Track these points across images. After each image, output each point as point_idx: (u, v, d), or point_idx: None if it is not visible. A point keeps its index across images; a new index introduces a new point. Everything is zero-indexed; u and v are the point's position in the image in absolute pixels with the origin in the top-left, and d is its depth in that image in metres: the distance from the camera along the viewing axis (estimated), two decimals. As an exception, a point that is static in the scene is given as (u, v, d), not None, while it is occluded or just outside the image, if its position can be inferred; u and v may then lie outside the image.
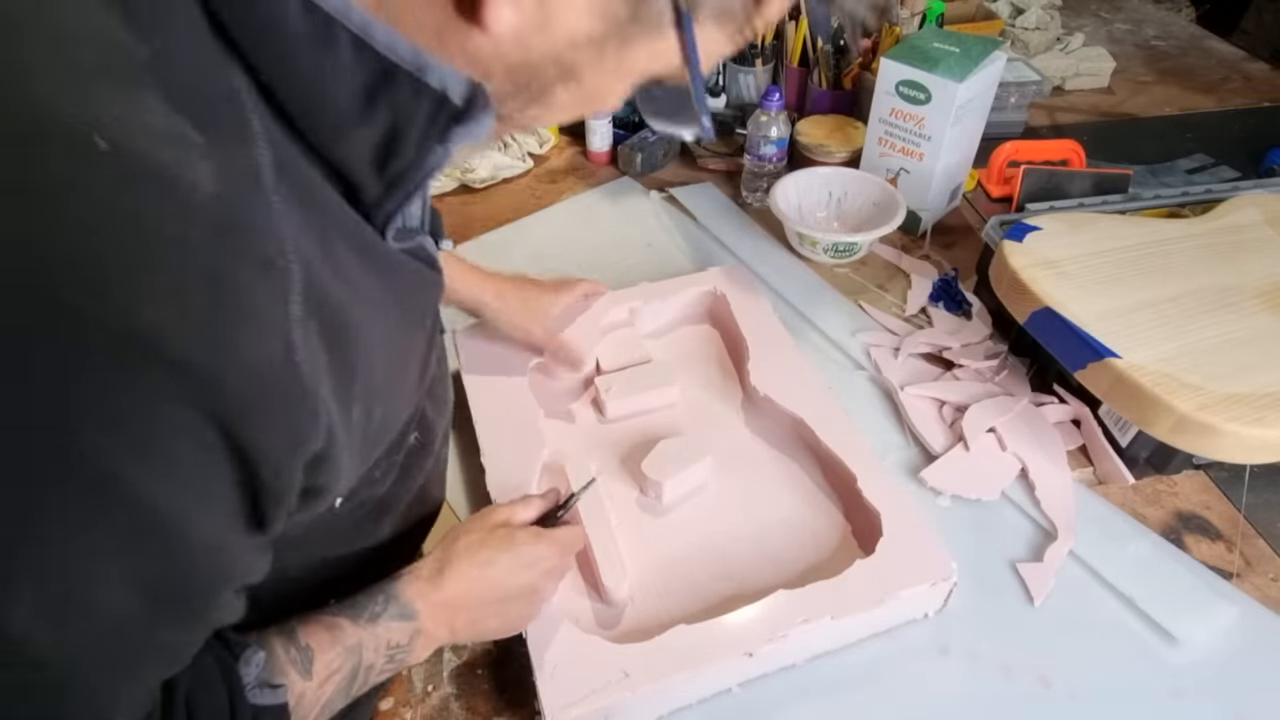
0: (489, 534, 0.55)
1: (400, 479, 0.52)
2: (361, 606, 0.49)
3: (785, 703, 0.59)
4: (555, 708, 0.53)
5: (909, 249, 1.02)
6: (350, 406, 0.37)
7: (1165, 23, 1.67)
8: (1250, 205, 0.86)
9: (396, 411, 0.46)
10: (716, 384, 0.83)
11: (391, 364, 0.43)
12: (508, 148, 1.18)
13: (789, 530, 0.69)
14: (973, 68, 0.92)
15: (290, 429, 0.33)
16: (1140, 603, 0.64)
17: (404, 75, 0.33)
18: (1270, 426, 0.62)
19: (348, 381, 0.36)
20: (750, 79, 1.23)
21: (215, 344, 0.29)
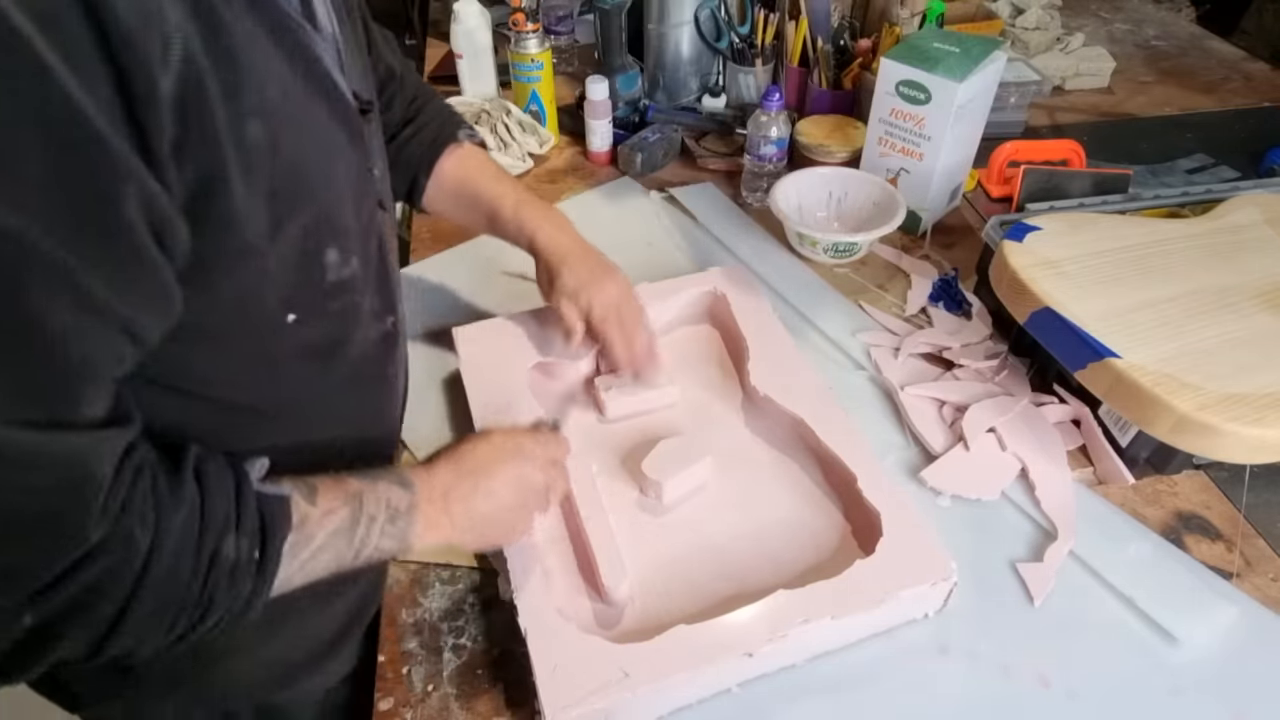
0: (477, 435, 0.60)
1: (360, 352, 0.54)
2: (362, 471, 0.52)
3: (785, 703, 0.59)
4: (555, 708, 0.53)
5: (909, 249, 1.02)
6: (239, 111, 0.38)
7: (1165, 23, 1.67)
8: (1250, 205, 0.86)
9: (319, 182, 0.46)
10: (716, 384, 0.83)
11: (295, 115, 0.44)
12: (508, 148, 1.18)
13: (789, 530, 0.69)
14: (973, 68, 0.92)
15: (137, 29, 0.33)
16: (1140, 603, 0.64)
17: None
18: (1270, 426, 0.62)
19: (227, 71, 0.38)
20: (750, 79, 1.23)
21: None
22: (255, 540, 0.44)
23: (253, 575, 0.44)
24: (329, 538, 0.48)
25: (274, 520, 0.45)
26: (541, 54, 1.18)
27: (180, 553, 0.41)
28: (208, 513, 0.43)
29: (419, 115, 0.77)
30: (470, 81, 1.28)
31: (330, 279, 0.49)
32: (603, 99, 1.15)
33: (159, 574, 0.40)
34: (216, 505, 0.43)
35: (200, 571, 0.42)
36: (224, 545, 0.43)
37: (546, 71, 1.20)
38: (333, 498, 0.49)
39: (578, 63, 1.48)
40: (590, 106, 1.16)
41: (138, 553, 0.40)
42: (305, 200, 0.45)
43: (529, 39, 1.17)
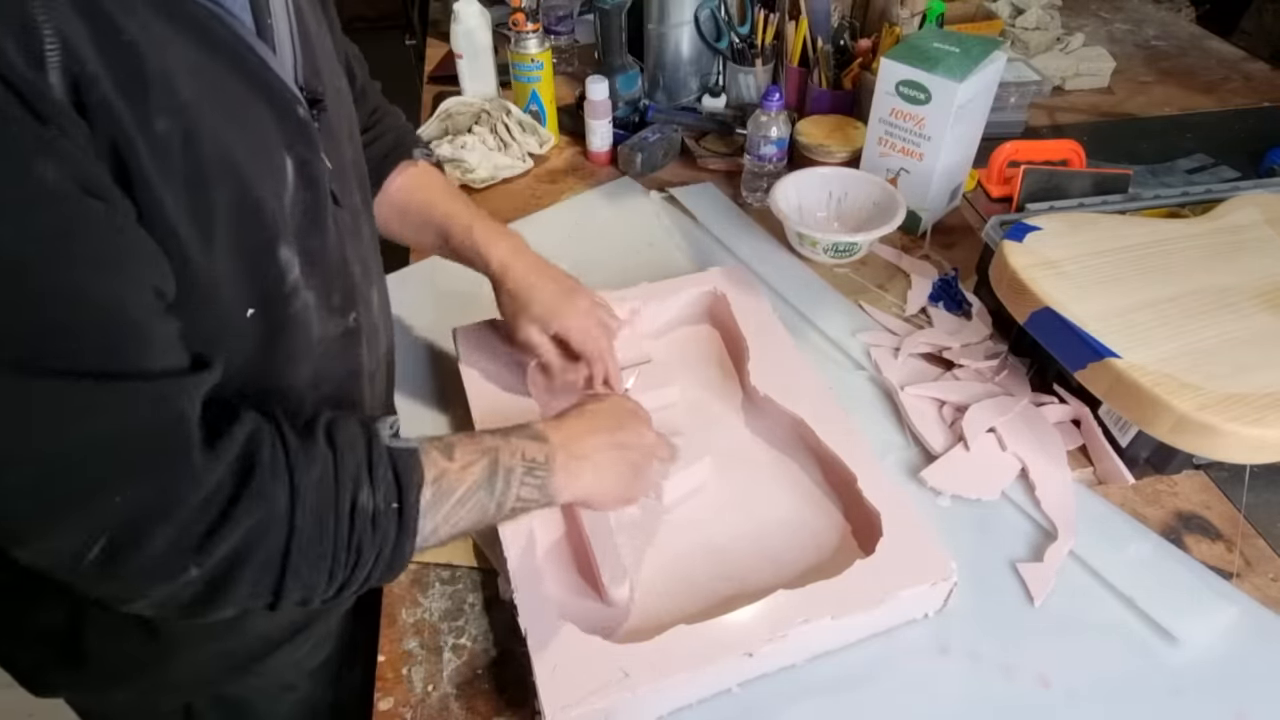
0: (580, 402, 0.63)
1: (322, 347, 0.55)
2: (495, 429, 0.55)
3: (785, 703, 0.59)
4: (555, 708, 0.53)
5: (909, 249, 1.02)
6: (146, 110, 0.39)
7: (1165, 23, 1.67)
8: (1250, 205, 0.86)
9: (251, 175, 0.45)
10: (716, 384, 0.83)
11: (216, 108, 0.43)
12: (508, 148, 1.18)
13: (789, 530, 0.69)
14: (973, 68, 0.92)
15: None
16: (1140, 603, 0.64)
17: None
18: (1270, 426, 0.62)
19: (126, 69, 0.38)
20: (750, 79, 1.23)
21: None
22: (391, 491, 0.47)
23: (395, 524, 0.47)
24: (470, 490, 0.50)
25: (407, 472, 0.47)
26: (541, 54, 1.18)
27: (321, 505, 0.44)
28: (341, 468, 0.45)
29: (373, 128, 0.75)
30: (470, 81, 1.28)
31: (289, 278, 0.50)
32: (603, 99, 1.15)
33: (305, 526, 0.43)
34: (348, 461, 0.46)
35: (344, 521, 0.44)
36: (360, 496, 0.45)
37: (546, 71, 1.20)
38: (470, 451, 0.51)
39: (578, 63, 1.48)
40: (590, 106, 1.16)
41: (279, 507, 0.42)
42: (234, 194, 0.45)
43: (529, 39, 1.17)
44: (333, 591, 0.46)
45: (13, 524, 0.38)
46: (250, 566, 0.42)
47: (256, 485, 0.42)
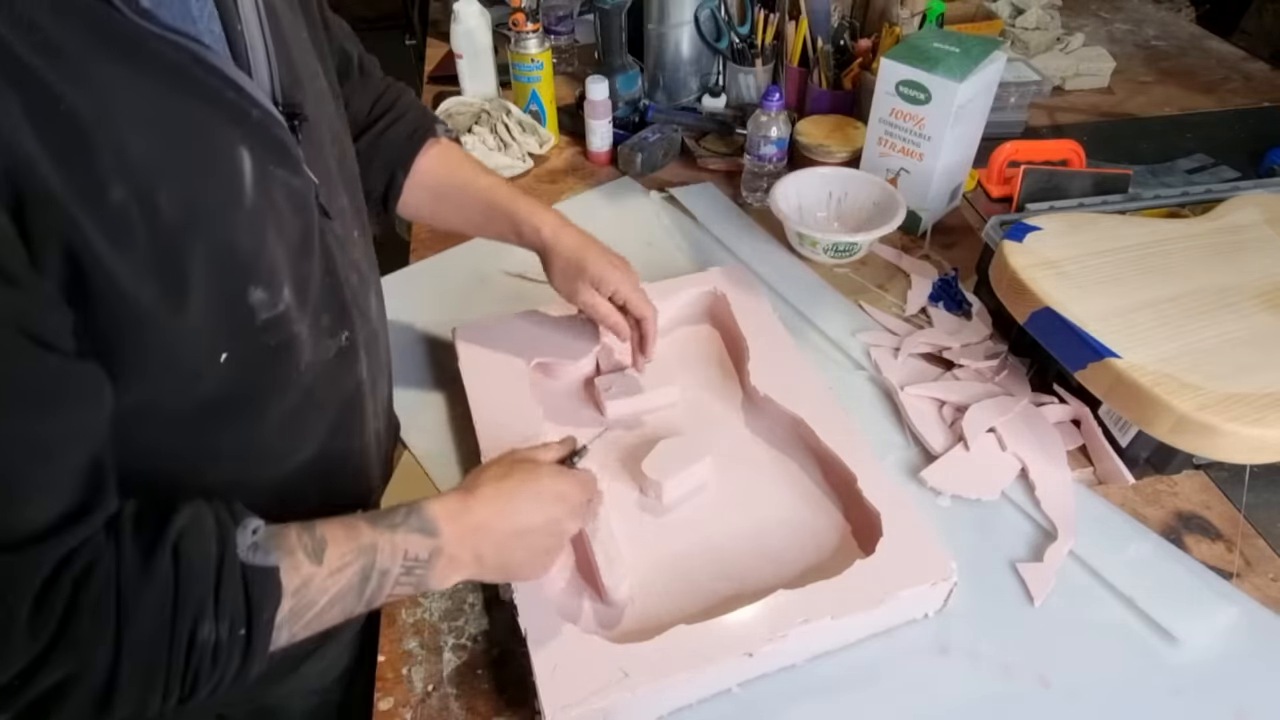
0: (513, 467, 0.56)
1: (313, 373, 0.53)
2: (382, 515, 0.51)
3: (785, 703, 0.59)
4: (555, 708, 0.53)
5: (909, 249, 1.02)
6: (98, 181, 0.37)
7: (1165, 23, 1.67)
8: (1250, 205, 0.86)
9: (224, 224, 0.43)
10: (716, 384, 0.83)
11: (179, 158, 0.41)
12: (508, 148, 1.18)
13: (789, 530, 0.69)
14: (973, 68, 0.92)
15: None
16: (1140, 603, 0.64)
17: None
18: (1270, 426, 0.62)
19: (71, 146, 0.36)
20: (750, 79, 1.23)
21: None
22: (240, 616, 0.43)
23: (240, 651, 0.43)
24: (335, 597, 0.47)
25: (261, 596, 0.44)
26: (541, 54, 1.18)
27: (155, 634, 0.40)
28: (181, 597, 0.41)
29: (391, 109, 0.74)
30: (470, 81, 1.28)
31: (262, 317, 0.47)
32: (603, 99, 1.15)
33: (135, 656, 0.40)
34: (191, 588, 0.42)
35: (179, 654, 0.41)
36: (200, 628, 0.42)
37: (546, 71, 1.20)
38: (344, 552, 0.47)
39: (578, 63, 1.48)
40: (590, 106, 1.16)
41: (95, 651, 0.39)
42: (204, 247, 0.42)
43: (529, 39, 1.17)
44: (170, 707, 0.42)
45: None
46: (65, 707, 0.39)
47: (74, 634, 0.39)
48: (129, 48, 0.39)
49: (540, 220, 0.73)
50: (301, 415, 0.55)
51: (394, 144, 0.73)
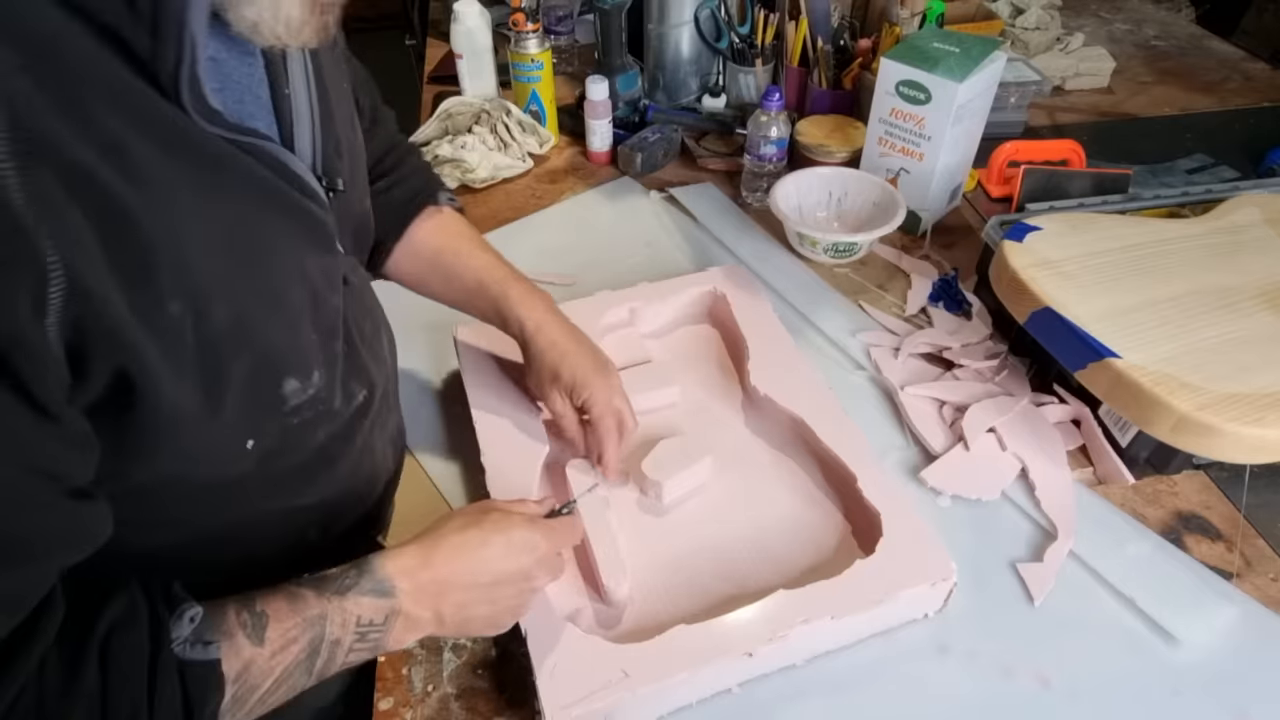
0: (482, 516, 0.53)
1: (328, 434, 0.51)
2: (330, 580, 0.47)
3: (785, 703, 0.59)
4: (555, 708, 0.53)
5: (909, 249, 1.02)
6: (157, 297, 0.36)
7: (1165, 23, 1.67)
8: (1250, 205, 0.86)
9: (266, 329, 0.43)
10: (716, 384, 0.83)
11: (235, 269, 0.40)
12: (508, 148, 1.18)
13: (789, 530, 0.69)
14: (973, 68, 0.92)
15: None
16: (1140, 603, 0.64)
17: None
18: (1270, 426, 0.62)
19: (135, 265, 0.35)
20: (750, 79, 1.23)
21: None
22: (176, 715, 0.40)
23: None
24: (280, 678, 0.44)
25: (201, 692, 0.41)
26: (541, 54, 1.18)
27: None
28: (110, 706, 0.38)
29: (394, 170, 0.71)
30: (470, 81, 1.28)
31: (292, 404, 0.47)
32: (603, 99, 1.15)
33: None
34: (120, 696, 0.39)
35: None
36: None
37: (546, 71, 1.20)
38: (288, 627, 0.44)
39: (578, 63, 1.48)
40: (590, 106, 1.16)
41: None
42: (248, 350, 0.42)
43: (529, 39, 1.17)
44: None
45: None
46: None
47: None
48: (198, 158, 0.38)
49: (526, 312, 0.68)
50: (313, 467, 0.53)
51: (391, 208, 0.69)
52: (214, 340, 0.39)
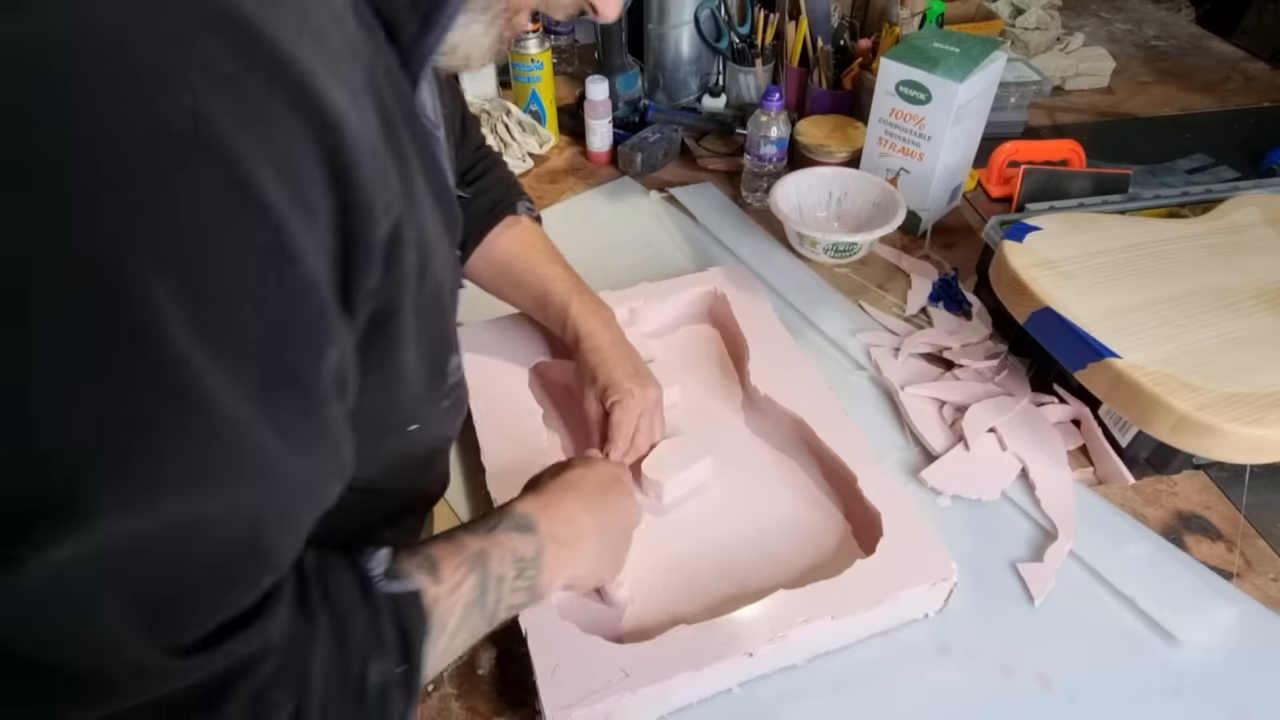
0: (567, 464, 0.59)
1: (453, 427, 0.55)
2: (474, 524, 0.49)
3: (785, 703, 0.59)
4: (555, 708, 0.53)
5: (909, 249, 1.02)
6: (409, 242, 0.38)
7: (1165, 23, 1.67)
8: (1250, 205, 0.86)
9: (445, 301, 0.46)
10: (716, 384, 0.83)
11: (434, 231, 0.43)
12: (508, 148, 1.18)
13: (789, 530, 0.69)
14: (973, 68, 0.92)
15: (372, 178, 0.33)
16: (1140, 603, 0.64)
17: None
18: (1270, 426, 0.62)
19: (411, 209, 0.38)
20: (750, 79, 1.23)
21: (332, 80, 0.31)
22: (398, 654, 0.40)
23: (403, 691, 0.40)
24: (463, 616, 0.45)
25: (412, 625, 0.41)
26: (541, 54, 1.18)
27: (326, 697, 0.36)
28: (347, 640, 0.38)
29: (481, 179, 0.76)
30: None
31: (449, 383, 0.49)
32: (603, 99, 1.15)
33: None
34: (353, 628, 0.38)
35: (349, 707, 0.37)
36: (369, 671, 0.38)
37: (546, 71, 1.20)
38: (456, 564, 0.45)
39: (578, 63, 1.48)
40: (590, 106, 1.16)
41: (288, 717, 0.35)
42: (437, 318, 0.45)
43: (529, 39, 1.17)
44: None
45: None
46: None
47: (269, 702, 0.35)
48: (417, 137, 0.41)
49: (582, 322, 0.74)
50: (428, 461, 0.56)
51: (474, 215, 0.74)
52: (424, 301, 0.41)
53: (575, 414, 0.79)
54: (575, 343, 0.74)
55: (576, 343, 0.74)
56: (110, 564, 0.29)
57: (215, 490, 0.30)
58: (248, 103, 0.28)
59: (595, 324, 0.74)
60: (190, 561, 0.31)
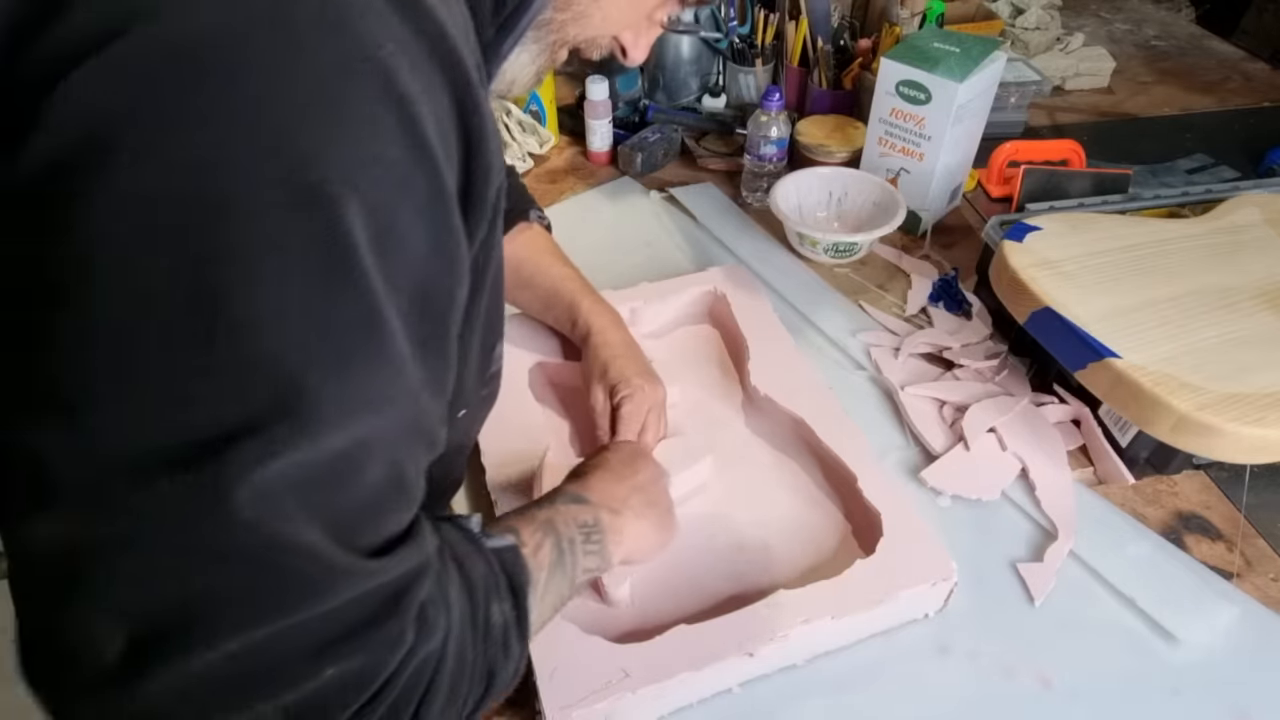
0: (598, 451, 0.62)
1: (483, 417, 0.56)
2: (532, 503, 0.52)
3: (785, 703, 0.59)
4: (555, 708, 0.53)
5: (909, 249, 1.02)
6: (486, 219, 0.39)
7: (1165, 23, 1.67)
8: (1250, 205, 0.86)
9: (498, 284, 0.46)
10: (716, 384, 0.83)
11: None
12: (508, 148, 1.18)
13: (789, 530, 0.69)
14: (973, 68, 0.92)
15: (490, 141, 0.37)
16: (1140, 603, 0.64)
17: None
18: (1270, 426, 0.62)
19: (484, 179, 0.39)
20: (750, 79, 1.23)
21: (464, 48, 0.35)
22: (511, 599, 0.42)
23: (519, 636, 0.42)
24: (549, 576, 0.47)
25: (517, 573, 0.43)
26: (541, 54, 1.18)
27: (463, 630, 0.38)
28: (471, 581, 0.40)
29: None
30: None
31: (493, 369, 0.50)
32: (603, 99, 1.15)
33: (450, 661, 0.37)
34: (473, 569, 0.40)
35: (478, 644, 0.39)
36: (492, 612, 0.41)
37: (546, 71, 1.20)
38: (532, 530, 0.47)
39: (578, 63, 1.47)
40: (590, 106, 1.16)
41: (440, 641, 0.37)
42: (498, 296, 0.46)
43: (529, 39, 1.17)
44: None
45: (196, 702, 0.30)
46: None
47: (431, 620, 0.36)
48: None
49: (592, 320, 0.75)
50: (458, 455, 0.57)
51: None
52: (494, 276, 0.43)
53: (575, 414, 0.79)
54: (585, 338, 0.75)
55: (587, 338, 0.75)
56: (312, 478, 0.31)
57: (382, 414, 0.33)
58: (414, 57, 0.32)
59: (606, 321, 0.76)
60: (363, 479, 0.33)
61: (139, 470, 0.28)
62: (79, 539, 0.28)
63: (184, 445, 0.28)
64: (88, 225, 0.27)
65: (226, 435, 0.28)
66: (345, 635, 0.32)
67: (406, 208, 0.32)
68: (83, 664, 0.29)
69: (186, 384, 0.28)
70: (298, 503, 0.30)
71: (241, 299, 0.28)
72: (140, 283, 0.28)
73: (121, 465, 0.28)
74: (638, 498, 0.57)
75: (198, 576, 0.29)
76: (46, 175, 0.27)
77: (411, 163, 0.32)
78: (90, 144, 0.27)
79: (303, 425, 0.29)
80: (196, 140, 0.28)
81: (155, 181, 0.27)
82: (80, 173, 0.27)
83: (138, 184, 0.27)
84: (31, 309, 0.28)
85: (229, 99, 0.28)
